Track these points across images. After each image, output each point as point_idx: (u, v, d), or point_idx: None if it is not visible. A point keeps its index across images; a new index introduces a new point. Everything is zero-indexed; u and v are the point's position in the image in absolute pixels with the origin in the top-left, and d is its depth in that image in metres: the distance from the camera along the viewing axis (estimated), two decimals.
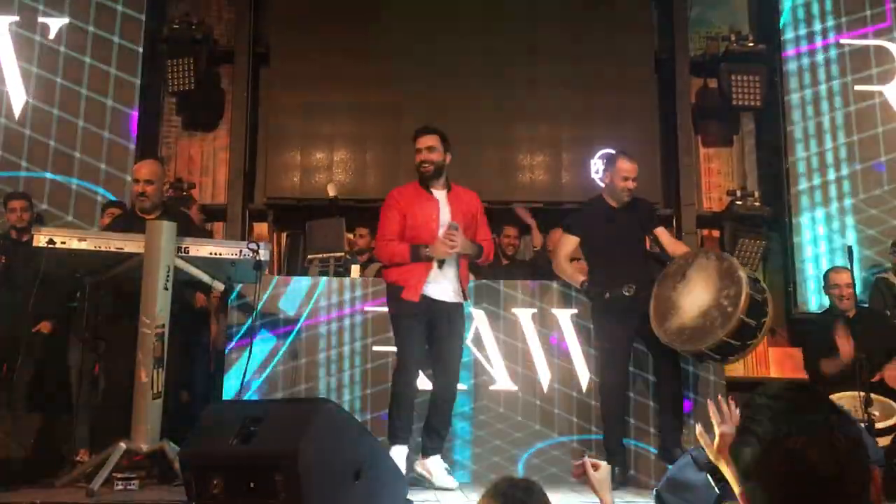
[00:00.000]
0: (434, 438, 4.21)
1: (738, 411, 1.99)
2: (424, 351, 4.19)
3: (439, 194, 4.28)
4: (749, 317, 3.87)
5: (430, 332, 4.20)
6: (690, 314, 4.03)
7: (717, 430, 2.03)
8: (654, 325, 4.17)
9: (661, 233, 4.63)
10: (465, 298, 4.30)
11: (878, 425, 4.18)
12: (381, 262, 4.43)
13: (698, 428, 2.18)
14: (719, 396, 2.15)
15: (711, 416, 2.06)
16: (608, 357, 4.45)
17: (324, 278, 4.92)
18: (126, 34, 6.63)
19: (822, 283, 5.36)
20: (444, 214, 4.21)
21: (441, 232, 4.16)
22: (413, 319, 4.13)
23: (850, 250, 4.92)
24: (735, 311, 3.85)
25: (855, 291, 4.93)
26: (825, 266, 5.92)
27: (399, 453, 4.03)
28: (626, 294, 4.24)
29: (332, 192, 5.48)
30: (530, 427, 4.67)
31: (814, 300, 6.41)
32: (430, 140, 4.30)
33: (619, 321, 4.36)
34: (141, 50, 6.61)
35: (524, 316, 4.79)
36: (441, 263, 4.15)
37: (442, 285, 4.18)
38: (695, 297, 4.05)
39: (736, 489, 1.76)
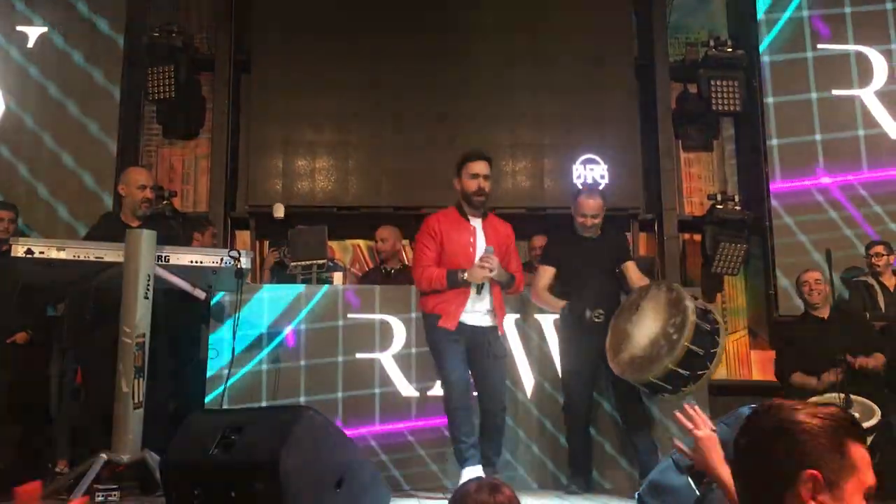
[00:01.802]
0: (492, 456, 4.15)
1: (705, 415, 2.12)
2: (467, 369, 4.15)
3: (476, 222, 4.27)
4: (696, 345, 3.89)
5: (469, 357, 4.18)
6: (640, 344, 4.08)
7: (695, 435, 2.07)
8: (609, 357, 4.23)
9: (629, 268, 4.68)
10: (501, 331, 4.27)
11: None
12: (419, 289, 4.30)
13: (674, 439, 2.20)
14: (685, 405, 2.18)
15: (684, 425, 2.10)
16: (574, 378, 4.51)
17: (306, 286, 4.92)
18: (105, 42, 6.60)
19: (795, 286, 5.43)
20: (480, 241, 4.21)
21: (478, 258, 4.15)
22: (453, 343, 4.10)
23: (828, 253, 4.97)
24: (680, 338, 3.88)
25: (832, 291, 4.98)
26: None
27: (473, 474, 3.86)
28: (596, 320, 4.33)
29: (278, 213, 5.41)
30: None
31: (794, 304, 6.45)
32: (487, 167, 4.26)
33: (586, 343, 4.41)
34: (121, 57, 6.60)
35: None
36: (479, 289, 4.12)
37: (478, 312, 4.17)
38: (645, 327, 4.11)
39: (727, 489, 1.90)
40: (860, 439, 1.38)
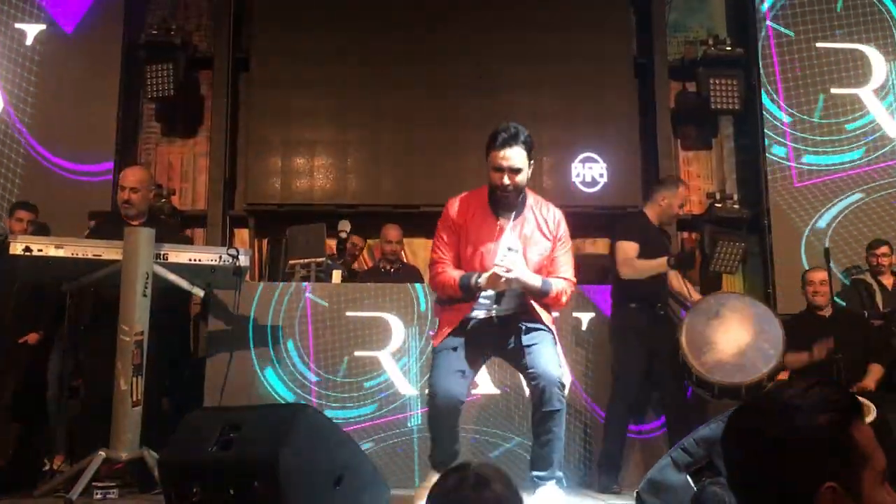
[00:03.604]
0: (540, 462, 3.35)
1: None
2: (459, 379, 3.32)
3: (505, 218, 3.38)
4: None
5: (498, 353, 3.52)
6: (729, 351, 4.25)
7: None
8: (690, 357, 4.28)
9: None
10: (535, 316, 3.35)
11: None
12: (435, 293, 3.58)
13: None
14: None
15: None
16: (623, 379, 4.51)
17: (305, 284, 4.91)
18: (104, 40, 6.59)
19: (801, 284, 5.43)
20: (508, 240, 3.34)
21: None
22: (458, 347, 3.32)
23: (826, 252, 4.98)
24: (776, 354, 4.16)
25: (831, 291, 4.99)
26: (803, 268, 5.97)
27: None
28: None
29: (343, 228, 5.25)
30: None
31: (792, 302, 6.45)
32: (516, 158, 3.33)
33: (640, 343, 4.46)
34: (119, 56, 6.59)
35: None
36: (499, 298, 3.32)
37: (501, 305, 3.38)
38: (732, 334, 4.28)
39: None
40: (860, 417, 1.20)
